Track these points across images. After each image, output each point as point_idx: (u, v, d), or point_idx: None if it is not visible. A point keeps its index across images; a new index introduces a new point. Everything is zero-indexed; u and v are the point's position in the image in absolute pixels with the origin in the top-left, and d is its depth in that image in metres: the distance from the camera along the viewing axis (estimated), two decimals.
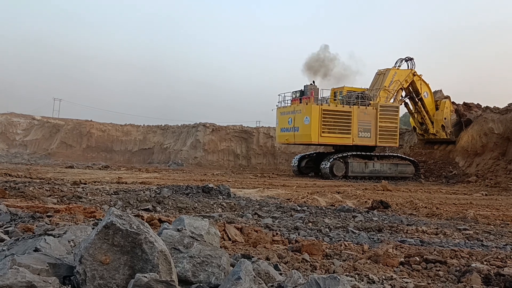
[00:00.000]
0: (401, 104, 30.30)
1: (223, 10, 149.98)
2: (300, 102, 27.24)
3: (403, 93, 30.12)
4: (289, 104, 28.36)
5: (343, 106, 27.16)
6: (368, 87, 29.24)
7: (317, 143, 27.55)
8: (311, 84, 28.00)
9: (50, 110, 60.27)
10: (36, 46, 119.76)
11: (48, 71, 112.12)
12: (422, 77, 29.90)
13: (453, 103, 31.34)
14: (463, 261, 5.29)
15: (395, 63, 29.67)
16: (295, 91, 28.27)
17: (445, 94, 31.80)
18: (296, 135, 27.22)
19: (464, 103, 32.01)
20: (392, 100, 28.79)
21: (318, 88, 27.82)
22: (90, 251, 2.47)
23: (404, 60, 29.73)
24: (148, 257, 2.51)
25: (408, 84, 29.40)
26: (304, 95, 27.44)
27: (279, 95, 29.28)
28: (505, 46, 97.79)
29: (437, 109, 30.58)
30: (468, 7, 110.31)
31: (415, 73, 29.60)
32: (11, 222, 5.86)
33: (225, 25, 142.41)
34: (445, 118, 30.12)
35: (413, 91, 29.97)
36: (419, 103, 30.23)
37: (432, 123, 30.45)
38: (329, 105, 27.11)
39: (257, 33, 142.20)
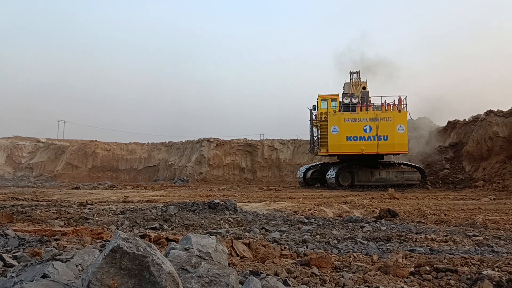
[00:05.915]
0: None
1: (222, 29, 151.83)
2: (377, 109, 26.83)
3: None
4: (352, 111, 27.16)
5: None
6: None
7: (406, 152, 26.96)
8: (365, 90, 28.28)
9: (55, 132, 60.66)
10: (39, 69, 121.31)
11: (51, 93, 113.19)
12: None
13: None
14: (474, 268, 5.23)
15: (351, 75, 30.23)
16: (347, 97, 27.41)
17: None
18: (384, 144, 26.27)
19: None
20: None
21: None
22: (98, 275, 2.47)
23: (354, 73, 30.32)
24: (156, 279, 2.50)
25: None
26: (363, 101, 27.29)
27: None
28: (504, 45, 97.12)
29: None
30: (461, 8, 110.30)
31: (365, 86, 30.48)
32: (19, 247, 5.88)
33: (225, 43, 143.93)
34: None
35: None
36: None
37: None
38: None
39: (260, 47, 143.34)
